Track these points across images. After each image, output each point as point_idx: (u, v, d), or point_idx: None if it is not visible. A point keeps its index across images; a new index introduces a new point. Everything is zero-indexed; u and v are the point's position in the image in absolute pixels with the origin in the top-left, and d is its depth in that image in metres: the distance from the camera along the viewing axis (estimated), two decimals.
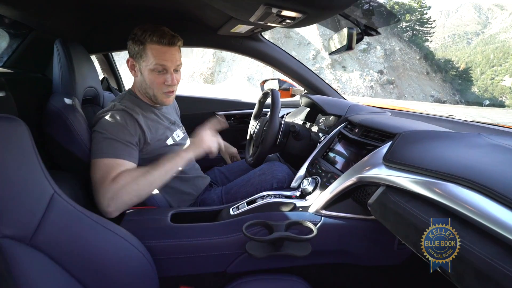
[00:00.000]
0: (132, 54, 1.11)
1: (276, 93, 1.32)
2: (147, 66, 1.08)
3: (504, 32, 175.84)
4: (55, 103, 1.03)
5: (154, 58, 1.06)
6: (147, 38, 1.04)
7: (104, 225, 0.70)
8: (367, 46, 45.46)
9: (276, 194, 1.09)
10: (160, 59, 1.06)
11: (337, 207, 0.99)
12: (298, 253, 0.87)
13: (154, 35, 1.04)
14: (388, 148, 0.88)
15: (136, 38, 1.07)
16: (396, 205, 0.74)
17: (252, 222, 0.90)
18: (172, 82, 1.11)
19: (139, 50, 1.07)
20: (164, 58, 1.07)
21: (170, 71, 1.10)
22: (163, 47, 1.06)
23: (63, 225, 0.61)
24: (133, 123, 1.06)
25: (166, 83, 1.11)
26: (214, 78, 38.25)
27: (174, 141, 1.23)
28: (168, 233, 0.92)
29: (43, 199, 0.59)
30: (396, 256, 1.06)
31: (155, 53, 1.06)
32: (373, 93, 39.96)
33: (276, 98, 1.30)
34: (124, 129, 1.03)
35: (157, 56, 1.06)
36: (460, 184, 0.64)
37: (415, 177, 0.73)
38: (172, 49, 1.08)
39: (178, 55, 1.11)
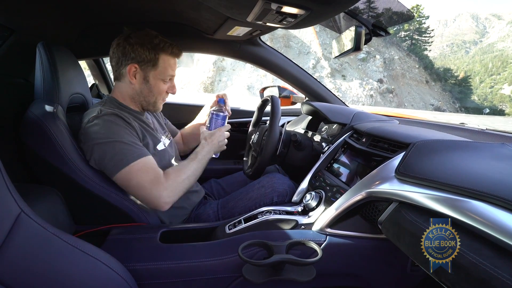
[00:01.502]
0: (139, 60, 1.05)
1: (276, 100, 1.26)
2: (157, 75, 1.08)
3: (502, 41, 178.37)
4: (35, 110, 0.96)
5: (167, 67, 1.09)
6: (160, 45, 1.05)
7: (80, 248, 0.63)
8: (366, 55, 45.95)
9: (276, 210, 1.02)
10: (172, 70, 1.11)
11: (343, 225, 0.91)
12: (300, 278, 0.79)
13: (167, 45, 1.06)
14: (401, 160, 0.81)
15: (148, 45, 1.04)
16: (413, 225, 0.66)
17: (250, 243, 0.81)
18: (175, 90, 1.17)
19: (151, 57, 1.05)
20: (174, 69, 1.12)
21: (173, 79, 1.15)
22: (174, 58, 1.10)
23: (29, 250, 0.54)
24: (128, 125, 1.02)
25: (169, 91, 1.15)
26: (214, 87, 38.58)
27: (164, 145, 1.18)
28: (156, 255, 0.85)
29: (6, 220, 0.51)
30: (409, 279, 0.97)
31: (168, 63, 1.08)
32: (373, 102, 40.21)
33: (276, 105, 1.23)
34: (126, 130, 1.01)
35: (169, 67, 1.09)
36: (489, 202, 0.56)
37: (433, 193, 0.66)
38: (176, 60, 1.14)
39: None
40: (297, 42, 43.05)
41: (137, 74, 1.06)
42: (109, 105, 1.07)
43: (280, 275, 0.80)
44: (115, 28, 1.31)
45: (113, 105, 1.09)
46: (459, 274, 0.55)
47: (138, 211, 1.03)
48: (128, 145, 0.97)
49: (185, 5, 1.14)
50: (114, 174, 0.96)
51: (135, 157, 0.96)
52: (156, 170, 1.00)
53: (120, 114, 1.02)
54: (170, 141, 1.29)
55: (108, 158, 0.95)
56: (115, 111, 1.01)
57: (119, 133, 0.97)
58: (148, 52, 1.03)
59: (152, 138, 1.12)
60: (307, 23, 0.88)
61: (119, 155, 0.95)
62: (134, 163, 0.96)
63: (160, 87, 1.10)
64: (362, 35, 1.02)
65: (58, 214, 0.92)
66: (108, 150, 0.95)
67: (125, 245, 0.88)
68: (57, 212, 0.92)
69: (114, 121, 0.99)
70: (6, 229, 0.50)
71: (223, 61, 40.82)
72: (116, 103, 1.10)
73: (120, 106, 1.10)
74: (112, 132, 0.97)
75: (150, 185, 0.96)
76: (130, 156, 0.96)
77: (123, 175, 0.96)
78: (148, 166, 0.99)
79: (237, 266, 0.83)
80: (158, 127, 1.28)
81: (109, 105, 1.07)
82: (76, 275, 0.60)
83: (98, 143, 0.95)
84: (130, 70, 1.05)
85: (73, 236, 0.62)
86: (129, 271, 0.74)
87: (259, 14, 0.84)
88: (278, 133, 1.24)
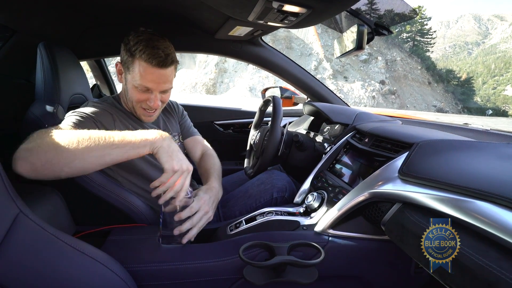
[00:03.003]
0: (122, 60, 1.00)
1: (278, 100, 1.25)
2: (132, 81, 0.97)
3: (505, 42, 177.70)
4: (35, 110, 0.95)
5: (140, 76, 0.94)
6: (137, 52, 0.93)
7: (79, 249, 0.62)
8: (368, 57, 45.87)
9: (278, 211, 1.00)
10: (146, 80, 0.95)
11: (346, 226, 0.90)
12: (302, 280, 0.78)
13: (145, 52, 0.92)
14: (404, 160, 0.80)
15: (128, 47, 0.95)
16: (417, 226, 0.65)
17: (251, 244, 0.80)
18: (154, 105, 0.99)
19: (128, 62, 0.96)
20: (151, 80, 0.95)
21: (155, 92, 0.99)
22: (152, 68, 0.93)
23: (28, 250, 0.53)
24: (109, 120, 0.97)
25: (149, 102, 1.00)
26: (216, 89, 38.63)
27: None
28: (156, 256, 0.84)
29: (4, 220, 0.50)
30: (413, 281, 0.95)
31: (142, 72, 0.94)
32: (375, 103, 40.11)
33: (278, 105, 1.23)
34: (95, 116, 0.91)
35: (143, 76, 0.94)
36: (495, 202, 0.55)
37: (437, 193, 0.65)
38: (162, 71, 0.95)
39: (168, 78, 0.98)
40: (299, 43, 43.08)
41: (122, 73, 1.02)
42: (104, 102, 1.04)
43: (282, 277, 0.78)
44: (117, 29, 1.31)
45: (111, 102, 1.06)
46: (464, 276, 0.54)
47: (138, 212, 1.02)
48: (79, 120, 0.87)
49: (186, 5, 1.14)
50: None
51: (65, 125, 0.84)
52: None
53: (108, 109, 0.98)
54: (179, 145, 1.25)
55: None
56: (103, 105, 0.99)
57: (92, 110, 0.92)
58: (126, 53, 0.96)
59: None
60: (308, 22, 0.88)
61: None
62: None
63: (133, 94, 0.99)
64: (364, 34, 1.00)
65: (58, 214, 0.92)
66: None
67: (125, 246, 0.87)
68: (57, 213, 0.91)
69: (93, 107, 0.95)
70: (4, 229, 0.50)
71: (225, 63, 40.94)
72: (118, 103, 1.08)
73: (118, 105, 1.07)
74: (85, 108, 0.93)
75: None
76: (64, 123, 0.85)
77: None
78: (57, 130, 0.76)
79: (238, 268, 0.81)
80: (168, 127, 1.23)
81: (105, 102, 1.04)
82: (75, 276, 0.60)
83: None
84: (117, 69, 1.03)
85: (72, 237, 0.62)
86: (129, 272, 0.73)
87: (260, 13, 0.83)
88: (279, 133, 1.23)
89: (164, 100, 1.04)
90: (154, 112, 1.04)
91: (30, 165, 0.69)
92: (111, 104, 1.05)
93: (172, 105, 1.29)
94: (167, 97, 1.05)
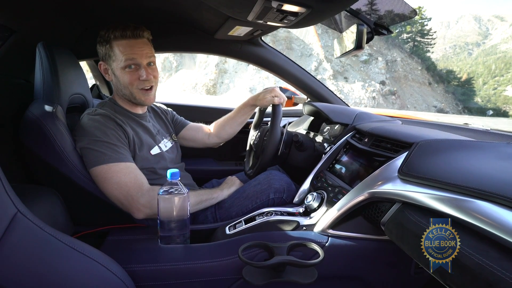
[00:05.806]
0: (101, 57, 1.08)
1: None
2: (118, 65, 1.04)
3: (505, 42, 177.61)
4: (34, 110, 0.95)
5: (122, 54, 1.02)
6: (110, 35, 1.02)
7: (77, 249, 0.62)
8: (368, 57, 45.84)
9: (278, 211, 1.00)
10: (128, 53, 1.02)
11: (346, 226, 0.90)
12: (302, 280, 0.78)
13: (117, 30, 1.01)
14: (404, 160, 0.80)
15: (102, 40, 1.04)
16: (417, 226, 0.65)
17: (250, 244, 0.80)
18: (146, 76, 1.06)
19: (107, 50, 1.04)
20: (133, 52, 1.03)
21: (143, 65, 1.06)
22: (129, 40, 1.03)
23: (25, 250, 0.53)
24: (118, 128, 1.03)
25: (141, 78, 1.06)
26: (217, 89, 38.64)
27: (160, 150, 1.17)
28: (155, 256, 0.84)
29: (1, 220, 0.50)
30: (413, 282, 0.95)
31: (122, 49, 1.02)
32: (376, 104, 40.07)
33: (278, 106, 1.22)
34: (113, 131, 1.00)
35: (124, 52, 1.02)
36: (495, 202, 0.54)
37: (437, 193, 0.65)
38: (139, 42, 1.04)
39: (147, 48, 1.07)
40: (299, 44, 43.09)
41: (108, 71, 1.09)
42: (107, 107, 1.09)
43: (281, 277, 0.78)
44: None
45: (110, 107, 1.11)
46: (465, 276, 0.54)
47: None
48: (112, 145, 0.98)
49: (186, 5, 1.14)
50: (92, 166, 0.96)
51: (115, 159, 0.96)
52: (138, 177, 0.99)
53: (113, 116, 1.03)
54: (173, 145, 1.28)
55: (92, 153, 0.96)
56: (108, 113, 1.03)
57: (106, 133, 0.98)
58: (102, 46, 1.05)
59: (148, 142, 1.12)
60: (308, 22, 0.87)
61: (101, 152, 0.96)
62: (114, 164, 0.96)
63: (125, 78, 1.05)
64: (364, 33, 1.00)
65: (57, 215, 0.91)
66: (92, 146, 0.96)
67: (124, 246, 0.87)
68: (55, 213, 0.91)
69: (104, 122, 1.00)
70: (2, 228, 0.50)
71: (225, 64, 40.93)
72: (114, 104, 1.13)
73: (116, 107, 1.12)
74: (100, 131, 0.98)
75: (130, 186, 0.96)
76: (110, 157, 0.96)
77: (101, 171, 0.95)
78: (130, 170, 0.98)
79: (237, 268, 0.81)
80: (160, 129, 1.27)
81: (107, 107, 1.09)
82: (73, 276, 0.60)
83: (86, 138, 0.97)
84: (101, 69, 1.10)
85: (70, 237, 0.62)
86: (128, 272, 0.73)
87: (260, 13, 0.83)
88: (279, 133, 1.22)
89: (155, 75, 1.10)
90: (151, 90, 1.10)
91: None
92: (112, 108, 1.11)
93: (161, 109, 1.38)
94: (156, 72, 1.12)
